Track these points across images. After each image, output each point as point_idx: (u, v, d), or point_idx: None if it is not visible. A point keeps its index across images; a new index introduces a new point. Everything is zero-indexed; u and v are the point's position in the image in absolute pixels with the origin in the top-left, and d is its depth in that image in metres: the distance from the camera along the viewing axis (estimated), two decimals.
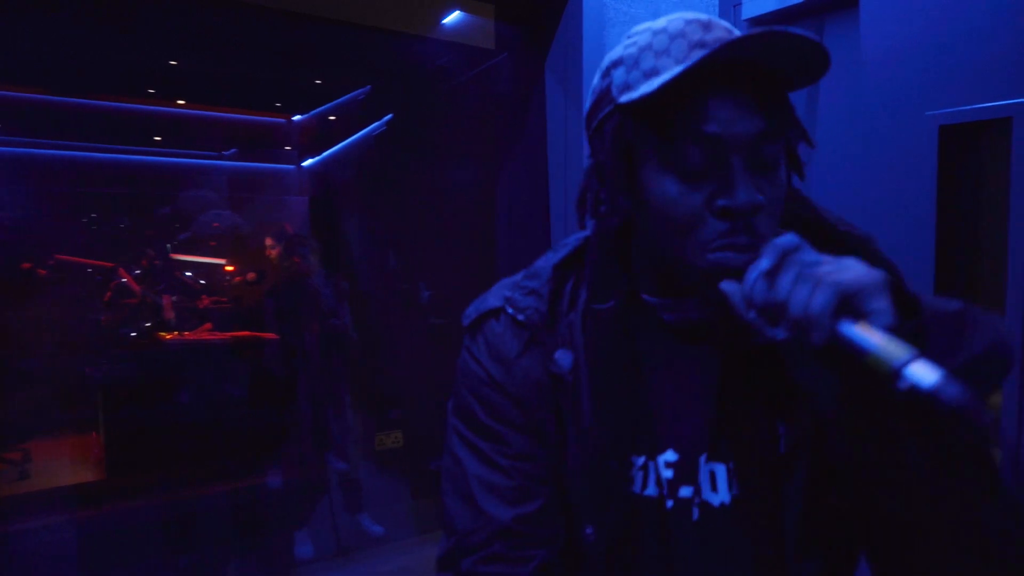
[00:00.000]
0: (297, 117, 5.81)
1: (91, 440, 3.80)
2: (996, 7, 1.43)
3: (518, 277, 0.78)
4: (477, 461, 0.74)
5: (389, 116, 3.42)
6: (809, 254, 0.58)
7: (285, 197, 5.53)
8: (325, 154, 5.67)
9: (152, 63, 3.65)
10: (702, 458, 0.71)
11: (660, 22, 0.66)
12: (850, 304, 0.55)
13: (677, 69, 0.58)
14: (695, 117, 0.60)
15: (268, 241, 3.31)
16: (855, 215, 1.43)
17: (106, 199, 4.69)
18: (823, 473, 0.67)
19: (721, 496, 0.71)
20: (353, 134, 4.44)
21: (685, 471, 0.71)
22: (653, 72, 0.63)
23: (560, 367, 0.72)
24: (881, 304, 0.55)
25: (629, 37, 0.68)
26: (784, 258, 0.58)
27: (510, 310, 0.75)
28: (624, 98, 0.63)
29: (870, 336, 0.53)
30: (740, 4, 1.85)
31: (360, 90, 3.94)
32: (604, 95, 0.67)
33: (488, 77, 2.00)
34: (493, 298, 0.78)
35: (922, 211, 1.54)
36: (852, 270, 0.56)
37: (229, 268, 4.69)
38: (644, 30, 0.66)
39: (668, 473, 0.72)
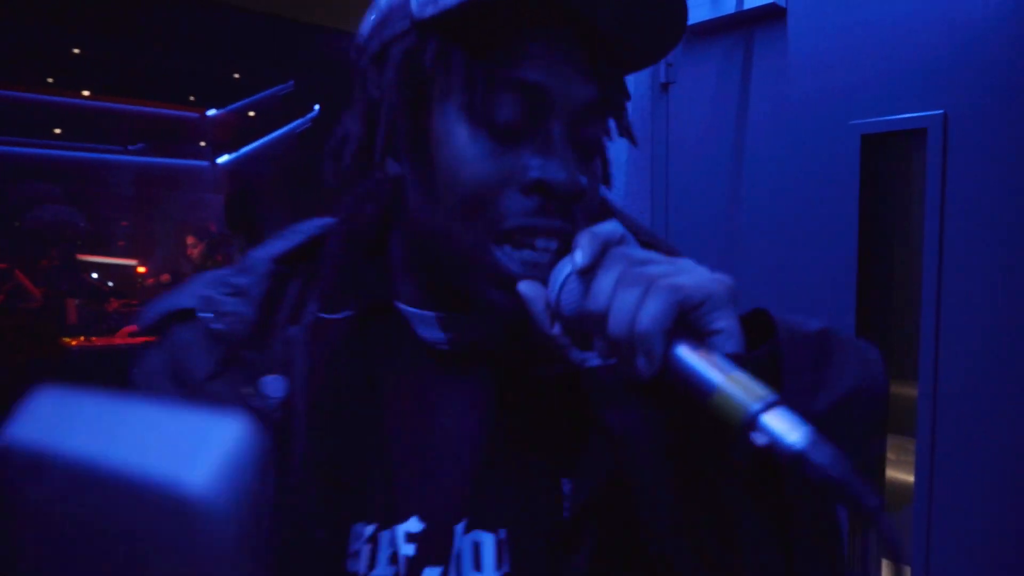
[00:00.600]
0: (212, 111, 5.56)
1: None
2: (916, 22, 1.53)
3: (228, 270, 0.58)
4: None
5: (314, 112, 3.32)
6: (637, 249, 0.46)
7: (204, 195, 5.27)
8: (243, 150, 5.46)
9: (52, 50, 3.43)
10: (459, 527, 0.53)
11: None
12: (690, 320, 0.42)
13: None
14: (517, 56, 0.47)
15: (189, 240, 3.16)
16: (784, 219, 1.49)
17: (52, 194, 4.34)
18: (616, 544, 0.51)
19: (495, 572, 0.52)
20: (274, 130, 4.29)
21: (433, 546, 0.53)
22: None
23: (266, 399, 0.52)
24: (730, 322, 0.42)
25: None
26: (605, 251, 0.44)
27: (205, 315, 0.55)
28: (429, 10, 0.47)
29: (715, 368, 0.39)
30: None
31: (283, 85, 3.81)
32: (397, 10, 0.50)
33: None
34: (186, 296, 0.57)
35: (845, 216, 1.63)
36: (693, 273, 0.43)
37: (141, 269, 4.44)
38: None
39: (408, 549, 0.52)
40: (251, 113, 4.55)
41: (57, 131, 4.58)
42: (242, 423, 0.34)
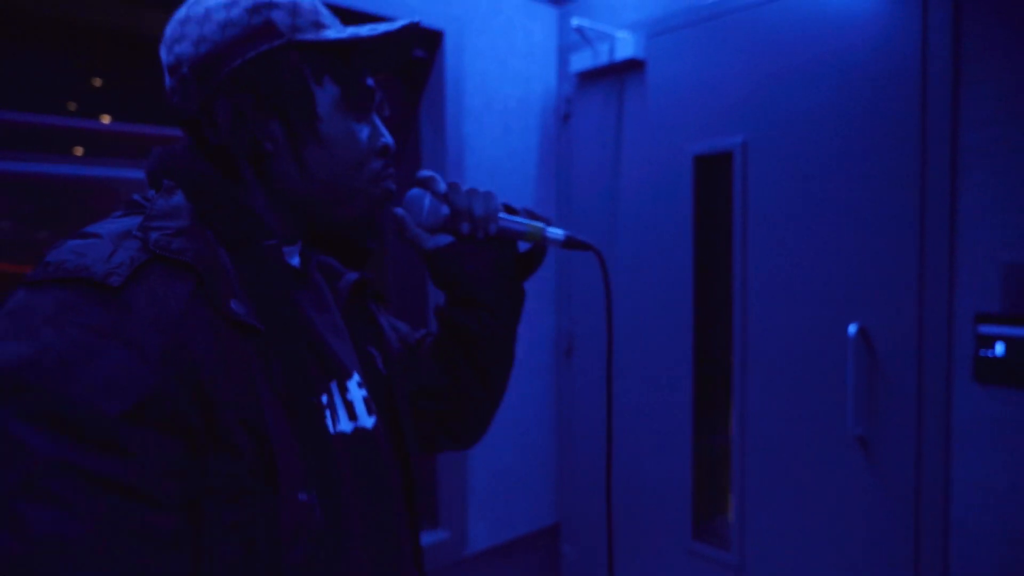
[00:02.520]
0: None
1: None
2: (729, 69, 2.04)
3: (128, 224, 0.60)
4: (110, 501, 0.50)
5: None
6: (457, 184, 0.84)
7: None
8: None
9: (77, 80, 3.95)
10: (356, 381, 0.75)
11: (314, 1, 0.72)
12: (505, 205, 0.85)
13: (382, 28, 0.68)
14: (359, 72, 0.71)
15: None
16: (643, 215, 2.09)
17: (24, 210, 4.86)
18: (418, 383, 0.89)
19: (372, 417, 0.75)
20: None
21: (365, 399, 0.75)
22: (321, 26, 0.69)
23: (238, 313, 0.59)
24: (523, 205, 0.88)
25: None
26: (452, 185, 0.82)
27: (163, 254, 0.57)
28: (307, 38, 0.67)
29: (522, 220, 0.84)
30: (568, 61, 2.42)
31: None
32: (261, 32, 0.66)
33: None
34: (127, 249, 0.56)
35: (684, 216, 2.14)
36: (486, 191, 0.84)
37: None
38: None
39: (360, 392, 0.74)
40: None
41: (78, 151, 5.12)
42: None
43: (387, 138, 0.74)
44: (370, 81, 0.73)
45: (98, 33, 2.07)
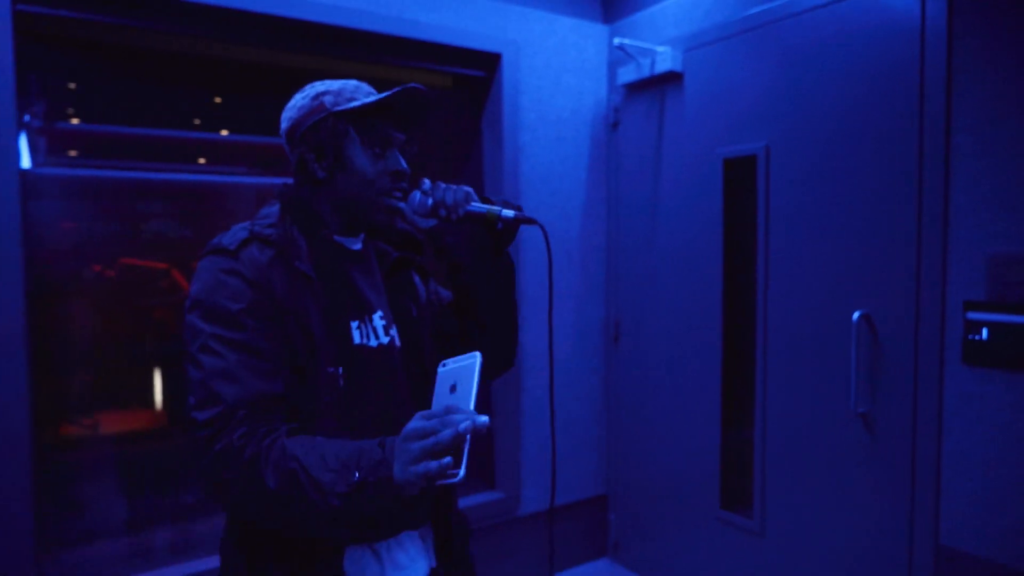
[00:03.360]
0: None
1: (149, 411, 4.64)
2: (755, 78, 2.25)
3: (247, 224, 1.07)
4: (238, 354, 0.95)
5: (415, 147, 4.27)
6: (441, 184, 1.11)
7: None
8: None
9: (200, 99, 4.51)
10: (385, 322, 1.14)
11: (339, 81, 1.12)
12: (470, 196, 1.10)
13: (382, 95, 1.06)
14: (376, 127, 1.08)
15: None
16: (681, 211, 2.34)
17: (160, 210, 5.59)
18: (435, 324, 1.22)
19: (399, 344, 1.15)
20: None
21: (389, 323, 1.14)
22: (353, 99, 1.08)
23: (303, 268, 1.03)
24: (475, 197, 1.10)
25: (323, 84, 1.11)
26: (435, 186, 1.10)
27: (260, 235, 1.04)
28: (341, 108, 1.06)
29: (483, 206, 1.09)
30: (616, 75, 2.69)
31: None
32: (317, 110, 1.07)
33: (444, 124, 2.83)
34: (240, 234, 1.04)
35: (715, 213, 2.36)
36: (463, 187, 1.11)
37: None
38: (332, 82, 1.12)
39: (381, 323, 1.12)
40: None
41: (201, 160, 5.82)
42: None
43: (398, 166, 1.11)
44: (386, 130, 1.10)
45: (215, 62, 2.51)
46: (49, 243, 2.53)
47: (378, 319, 1.13)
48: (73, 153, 5.44)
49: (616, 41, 2.52)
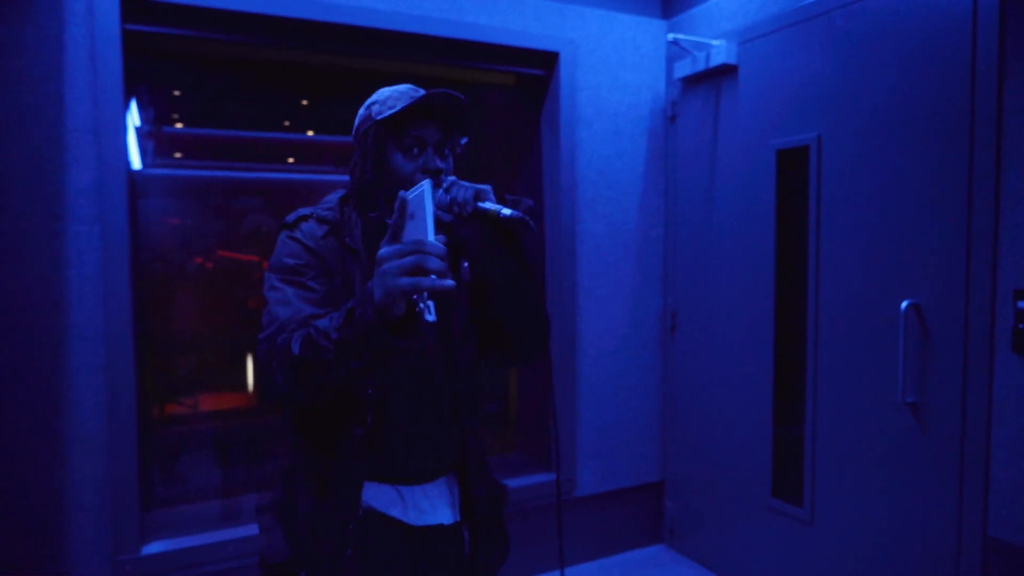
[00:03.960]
0: None
1: (241, 393, 5.02)
2: (806, 71, 2.27)
3: (310, 208, 1.28)
4: (293, 288, 1.17)
5: (464, 141, 4.44)
6: (461, 183, 1.17)
7: None
8: None
9: (289, 102, 4.81)
10: (424, 294, 1.15)
11: (395, 87, 1.25)
12: (479, 195, 1.14)
13: (402, 104, 1.19)
14: (410, 129, 1.19)
15: None
16: (734, 200, 2.41)
17: (255, 207, 6.02)
18: (474, 303, 1.27)
19: (432, 317, 1.25)
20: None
21: (423, 298, 1.17)
22: (392, 107, 1.20)
23: (353, 243, 1.21)
24: (491, 195, 1.15)
25: (378, 93, 1.25)
26: (452, 184, 1.16)
27: (317, 215, 1.24)
28: (380, 117, 1.21)
29: (490, 205, 1.13)
30: (673, 68, 2.74)
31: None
32: (367, 119, 1.23)
33: (507, 120, 2.96)
34: (301, 212, 1.26)
35: (768, 203, 2.38)
36: (477, 185, 1.16)
37: None
38: (388, 89, 1.25)
39: (414, 297, 1.17)
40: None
41: (290, 159, 6.21)
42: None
43: (430, 165, 1.21)
44: (420, 132, 1.21)
45: (301, 69, 2.72)
46: (157, 238, 2.83)
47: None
48: (178, 155, 5.93)
49: (670, 36, 2.58)
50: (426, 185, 0.99)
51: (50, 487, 1.98)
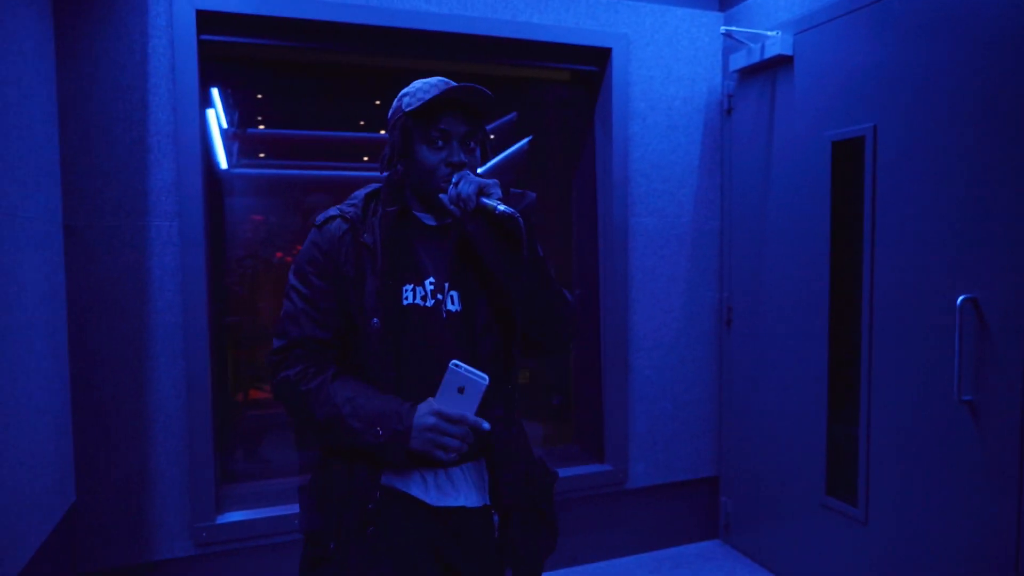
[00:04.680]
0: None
1: None
2: (861, 61, 2.21)
3: (337, 207, 1.33)
4: (304, 302, 1.25)
5: (530, 136, 4.50)
6: (471, 176, 1.21)
7: None
8: (492, 163, 6.96)
9: (363, 103, 4.99)
10: (446, 285, 1.28)
11: (425, 81, 1.28)
12: (483, 191, 1.18)
13: (428, 96, 1.22)
14: (436, 121, 1.23)
15: None
16: (786, 190, 2.38)
17: (310, 206, 6.32)
18: (493, 295, 1.28)
19: (456, 307, 1.29)
20: (508, 148, 5.63)
21: (438, 288, 1.28)
22: (421, 100, 1.23)
23: (367, 241, 1.26)
24: (496, 191, 1.19)
25: (412, 85, 1.29)
26: (462, 177, 1.21)
27: (341, 215, 1.29)
28: (407, 109, 1.25)
29: (489, 200, 1.16)
30: (728, 61, 2.71)
31: (509, 116, 5.12)
32: (398, 110, 1.28)
33: (564, 116, 3.00)
34: (331, 212, 1.32)
35: (822, 200, 2.34)
36: (484, 180, 1.20)
37: None
38: (420, 82, 1.28)
39: (430, 287, 1.28)
40: (492, 136, 5.97)
41: (365, 158, 6.45)
42: None
43: (453, 158, 1.24)
44: (445, 125, 1.24)
45: (370, 71, 2.83)
46: (243, 233, 3.03)
47: (428, 284, 1.28)
48: (262, 155, 6.27)
49: (723, 29, 2.56)
50: (486, 380, 1.15)
51: (137, 457, 2.18)
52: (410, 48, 2.52)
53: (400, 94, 1.30)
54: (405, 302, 1.26)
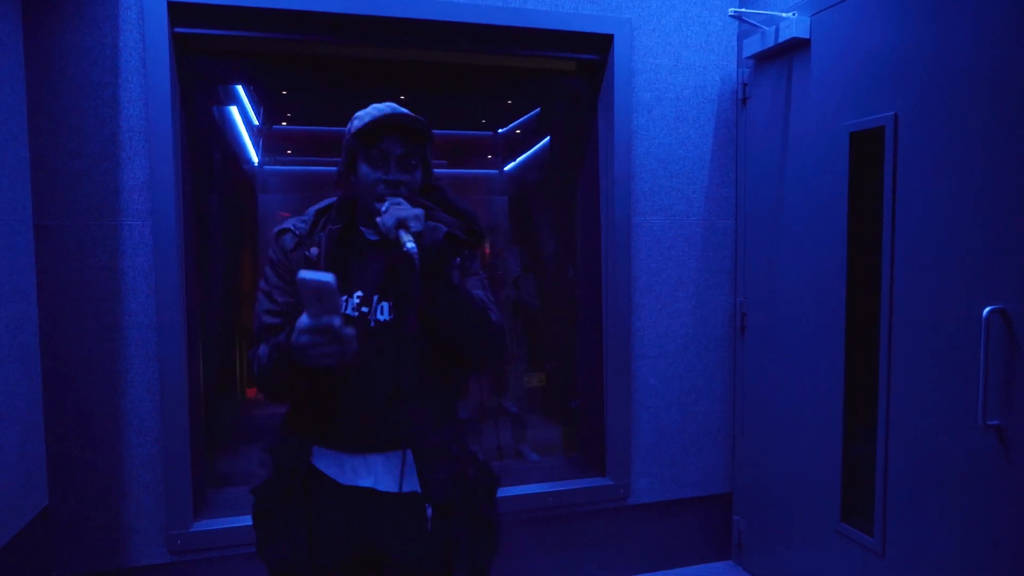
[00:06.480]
0: (501, 131, 7.02)
1: None
2: (880, 46, 2.00)
3: (291, 221, 1.45)
4: (264, 298, 1.41)
5: (547, 140, 4.32)
6: (405, 204, 1.30)
7: (491, 197, 6.80)
8: (518, 160, 6.80)
9: (389, 99, 4.93)
10: (375, 297, 1.38)
11: (374, 106, 1.38)
12: (402, 223, 1.26)
13: (372, 114, 1.34)
14: (378, 142, 1.33)
15: None
16: (804, 182, 2.17)
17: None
18: (420, 309, 1.34)
19: (386, 317, 1.38)
20: (534, 145, 5.45)
21: (364, 301, 1.38)
22: (364, 122, 1.33)
23: (311, 254, 1.38)
24: (416, 224, 1.27)
25: (364, 110, 1.39)
26: (392, 204, 1.31)
27: (293, 229, 1.42)
28: (352, 130, 1.36)
29: (403, 234, 1.25)
30: (742, 46, 2.51)
31: (534, 111, 4.95)
32: (347, 131, 1.39)
33: (569, 109, 2.83)
34: (284, 225, 1.44)
35: (840, 188, 2.13)
36: (410, 210, 1.29)
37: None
38: (372, 107, 1.39)
39: (356, 301, 1.38)
40: (517, 131, 5.80)
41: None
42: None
43: (390, 176, 1.35)
44: (387, 146, 1.34)
45: (409, 64, 2.68)
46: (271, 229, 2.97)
47: (356, 296, 1.39)
48: (288, 152, 6.21)
49: (731, 11, 2.36)
50: (330, 278, 1.13)
51: (110, 461, 2.13)
52: (399, 38, 2.40)
53: (352, 117, 1.42)
54: (344, 311, 1.36)
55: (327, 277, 1.13)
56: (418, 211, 1.30)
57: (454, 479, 1.40)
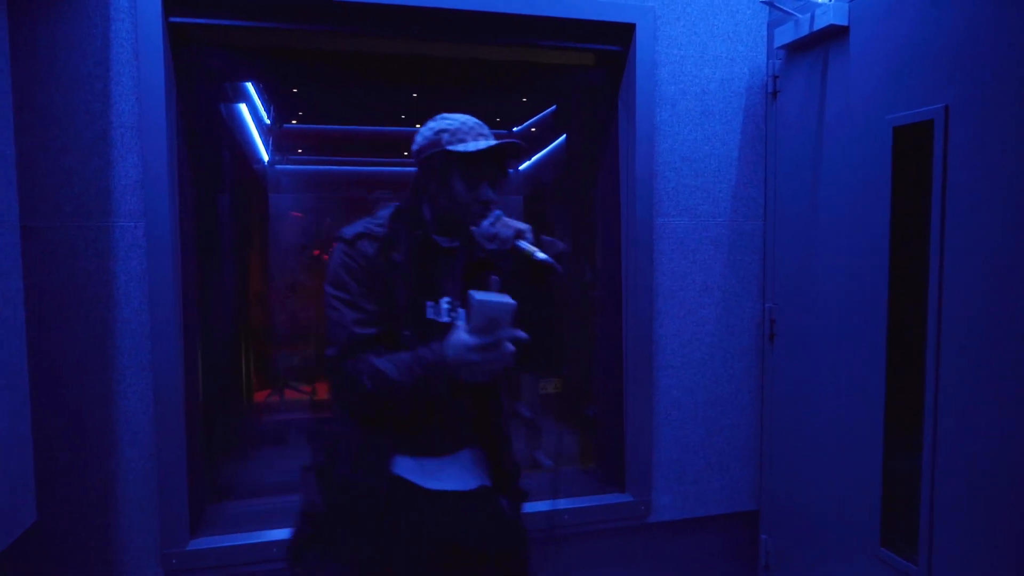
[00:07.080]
0: (516, 128, 6.88)
1: None
2: (926, 33, 1.84)
3: (366, 220, 1.50)
4: (349, 309, 1.40)
5: (563, 138, 4.19)
6: (504, 218, 1.43)
7: (507, 196, 6.70)
8: (535, 159, 6.66)
9: (401, 97, 4.81)
10: (457, 303, 1.47)
11: (458, 117, 1.46)
12: (519, 234, 1.39)
13: (482, 144, 1.40)
14: (477, 164, 1.41)
15: None
16: (841, 182, 2.01)
17: (373, 201, 6.15)
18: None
19: (447, 319, 1.47)
20: (550, 143, 5.30)
21: (453, 307, 1.47)
22: (462, 141, 1.42)
23: (397, 259, 1.43)
24: (530, 235, 1.41)
25: (445, 119, 1.45)
26: (497, 219, 1.43)
27: (369, 234, 1.45)
28: (451, 148, 1.41)
29: (524, 244, 1.38)
30: (773, 36, 2.35)
31: (550, 109, 4.81)
32: (434, 143, 1.44)
33: (590, 104, 2.68)
34: (357, 228, 1.47)
35: (881, 196, 1.97)
36: (518, 225, 1.41)
37: None
38: (453, 118, 1.45)
39: (446, 306, 1.48)
40: (533, 129, 5.67)
41: (405, 153, 6.27)
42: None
43: (483, 196, 1.44)
44: (482, 167, 1.43)
45: (422, 61, 2.55)
46: (284, 230, 2.86)
47: (444, 302, 1.47)
48: (300, 151, 6.08)
49: None
50: (511, 301, 1.23)
51: (102, 475, 2.02)
52: (409, 27, 2.26)
53: (434, 128, 1.45)
54: (428, 316, 1.46)
55: (506, 299, 1.22)
56: (526, 226, 1.41)
57: (517, 469, 1.61)
